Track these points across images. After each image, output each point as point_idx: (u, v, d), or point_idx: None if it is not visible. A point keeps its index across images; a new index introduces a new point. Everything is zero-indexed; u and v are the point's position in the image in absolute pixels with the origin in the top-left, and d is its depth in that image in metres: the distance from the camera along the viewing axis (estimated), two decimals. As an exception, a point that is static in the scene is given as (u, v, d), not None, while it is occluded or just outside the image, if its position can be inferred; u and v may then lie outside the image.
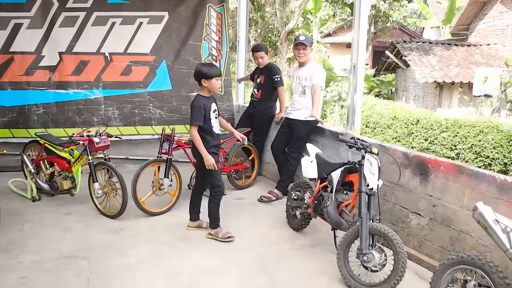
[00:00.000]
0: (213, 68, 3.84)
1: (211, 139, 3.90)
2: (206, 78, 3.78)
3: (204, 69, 3.79)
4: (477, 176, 3.38)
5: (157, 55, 6.18)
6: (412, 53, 13.76)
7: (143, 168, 4.41)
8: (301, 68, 5.02)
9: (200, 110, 3.80)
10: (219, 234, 4.00)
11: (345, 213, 3.61)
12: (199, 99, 3.86)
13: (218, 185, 3.96)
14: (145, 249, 3.81)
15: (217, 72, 3.85)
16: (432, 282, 2.93)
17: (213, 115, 3.93)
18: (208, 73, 3.76)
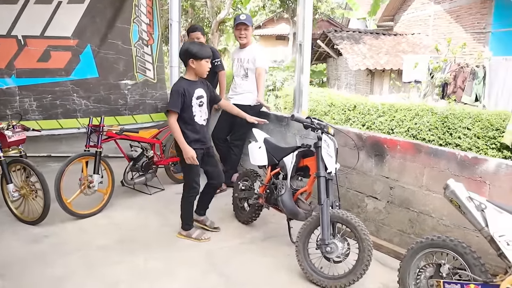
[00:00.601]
0: (204, 48, 3.37)
1: (190, 131, 3.37)
2: (195, 58, 3.30)
3: (194, 48, 3.31)
4: (436, 153, 3.24)
5: (80, 39, 5.49)
6: (343, 42, 13.94)
7: (68, 164, 3.81)
8: (242, 50, 4.66)
9: (177, 95, 3.30)
10: (192, 235, 3.58)
11: (301, 201, 3.32)
12: (180, 83, 3.39)
13: (194, 187, 3.49)
14: (76, 257, 3.27)
15: (208, 53, 3.37)
16: (401, 268, 2.72)
17: (196, 102, 3.38)
18: (198, 52, 3.28)
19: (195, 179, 3.47)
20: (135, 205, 4.35)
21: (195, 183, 3.47)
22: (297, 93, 4.34)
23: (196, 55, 3.28)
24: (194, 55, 3.29)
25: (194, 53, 3.28)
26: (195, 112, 3.37)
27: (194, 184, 3.48)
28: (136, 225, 3.89)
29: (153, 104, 6.11)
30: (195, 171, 3.45)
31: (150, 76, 6.08)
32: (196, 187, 3.49)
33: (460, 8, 13.36)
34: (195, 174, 3.45)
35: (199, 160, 3.38)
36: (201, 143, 3.44)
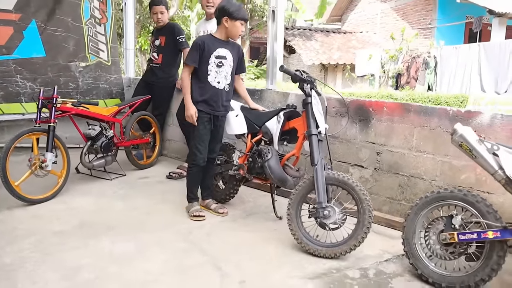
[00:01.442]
0: (242, 10, 3.13)
1: (198, 89, 3.13)
2: (230, 17, 3.07)
3: (231, 7, 3.08)
4: (426, 111, 3.09)
5: (24, 13, 4.88)
6: (296, 39, 13.96)
7: (16, 140, 3.29)
8: (210, 21, 4.29)
9: (196, 47, 3.08)
10: (189, 209, 3.28)
11: (289, 167, 3.03)
12: (203, 37, 3.22)
13: (195, 154, 3.19)
14: (27, 243, 2.76)
15: (245, 15, 3.15)
16: (405, 228, 2.51)
17: (215, 60, 3.11)
18: (235, 12, 3.06)
19: (197, 145, 3.17)
20: (95, 190, 3.87)
21: (197, 150, 3.18)
22: (270, 62, 4.06)
23: (232, 14, 3.06)
24: (230, 14, 3.07)
25: (230, 12, 3.07)
26: (210, 71, 3.12)
27: (196, 151, 3.18)
28: (97, 209, 3.42)
29: (108, 88, 5.59)
30: (197, 136, 3.17)
31: (103, 58, 5.56)
32: (198, 155, 3.18)
33: (406, 5, 13.82)
34: (198, 140, 3.18)
35: (205, 126, 3.14)
36: (209, 107, 3.15)
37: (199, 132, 3.16)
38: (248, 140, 3.27)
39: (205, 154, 3.21)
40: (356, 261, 2.64)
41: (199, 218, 3.20)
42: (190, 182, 3.34)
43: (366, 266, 2.58)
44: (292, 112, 3.06)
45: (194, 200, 3.33)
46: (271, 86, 4.08)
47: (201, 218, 3.21)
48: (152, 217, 3.27)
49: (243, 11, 3.13)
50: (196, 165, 3.21)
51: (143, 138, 4.62)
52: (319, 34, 14.81)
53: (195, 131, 3.18)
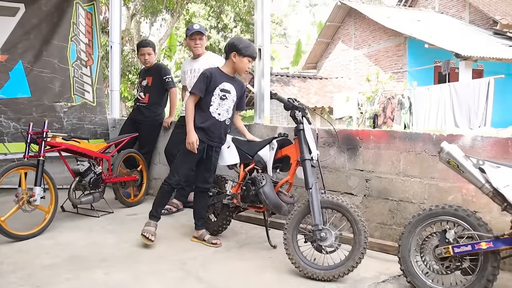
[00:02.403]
0: (251, 47, 3.21)
1: (201, 119, 3.18)
2: (238, 52, 3.14)
3: (240, 43, 3.17)
4: (411, 137, 3.22)
5: (11, 54, 4.94)
6: (274, 84, 14.36)
7: (4, 174, 3.24)
8: (197, 60, 4.44)
9: (203, 78, 3.15)
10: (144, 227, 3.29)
11: (283, 194, 3.07)
12: (212, 68, 3.28)
13: (174, 176, 3.23)
14: (16, 277, 2.67)
15: (254, 53, 3.23)
16: (401, 247, 2.56)
17: (219, 93, 3.19)
18: (244, 48, 3.14)
19: (178, 166, 3.22)
20: (83, 226, 3.79)
21: (176, 172, 3.22)
22: (258, 98, 4.19)
23: (241, 50, 3.14)
24: (239, 50, 3.14)
25: (239, 48, 3.14)
26: (213, 102, 3.19)
27: (175, 172, 3.22)
28: (87, 243, 3.34)
29: (92, 129, 5.60)
30: (183, 159, 3.21)
31: (89, 99, 5.61)
32: (175, 176, 3.21)
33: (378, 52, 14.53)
34: (181, 162, 3.22)
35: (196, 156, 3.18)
36: (205, 135, 3.20)
37: (186, 156, 3.20)
38: (240, 169, 3.31)
39: (181, 179, 3.27)
40: (354, 283, 2.64)
41: (148, 242, 3.16)
42: (158, 200, 3.33)
43: (365, 287, 2.59)
44: (284, 140, 3.14)
45: (154, 219, 3.31)
46: (259, 120, 4.19)
47: (150, 242, 3.17)
48: (145, 249, 3.21)
49: (252, 48, 3.21)
50: (169, 184, 3.25)
51: (131, 175, 4.60)
52: (296, 80, 15.31)
53: (183, 154, 3.21)
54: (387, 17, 14.48)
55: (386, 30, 14.10)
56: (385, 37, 14.45)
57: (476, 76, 11.68)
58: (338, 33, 17.38)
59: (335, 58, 17.24)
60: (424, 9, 17.57)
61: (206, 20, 20.19)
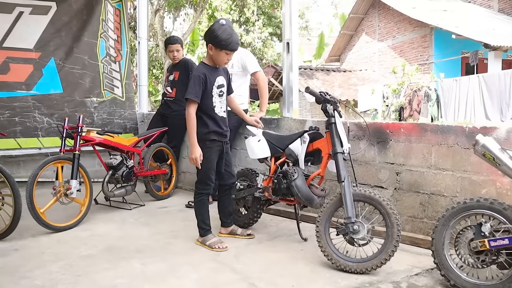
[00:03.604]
0: (231, 38, 2.92)
1: (211, 122, 3.07)
2: (214, 44, 2.94)
3: (219, 33, 2.90)
4: (443, 130, 3.18)
5: (44, 52, 5.10)
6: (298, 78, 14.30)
7: (43, 167, 3.37)
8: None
9: (198, 82, 2.95)
10: (206, 242, 3.13)
11: (314, 187, 3.08)
12: (200, 68, 3.04)
13: (207, 183, 3.13)
14: (57, 267, 2.78)
15: (233, 45, 2.96)
16: (434, 240, 2.54)
17: (217, 91, 3.07)
18: (221, 41, 2.89)
19: (209, 174, 3.12)
20: (116, 218, 3.90)
21: (208, 179, 3.13)
22: (287, 91, 4.21)
23: (218, 42, 2.91)
24: (215, 41, 2.92)
25: (215, 41, 2.92)
26: (215, 102, 3.08)
27: (208, 181, 3.13)
28: (122, 235, 3.44)
29: (122, 123, 5.72)
30: (210, 166, 3.12)
31: (118, 94, 5.73)
32: (210, 184, 3.14)
33: (403, 43, 14.29)
34: (209, 169, 3.11)
35: (216, 155, 3.14)
36: (221, 136, 3.15)
37: (212, 163, 3.14)
38: (272, 163, 3.34)
39: (213, 183, 3.19)
40: (387, 275, 2.65)
41: (223, 250, 3.06)
42: (202, 212, 3.19)
43: (398, 279, 2.60)
44: (315, 133, 3.15)
45: (208, 232, 3.18)
46: (287, 114, 4.21)
47: (224, 249, 3.07)
48: (178, 241, 3.29)
49: (230, 41, 2.93)
50: (206, 193, 3.19)
51: (161, 169, 4.69)
52: (320, 73, 15.22)
53: (207, 161, 3.10)
54: (413, 8, 14.22)
55: (412, 21, 13.86)
56: (410, 28, 14.20)
57: (506, 67, 11.37)
58: (361, 25, 17.17)
59: (359, 50, 17.05)
60: (451, -2, 17.17)
61: (228, 14, 20.21)
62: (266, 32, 21.00)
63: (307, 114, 14.19)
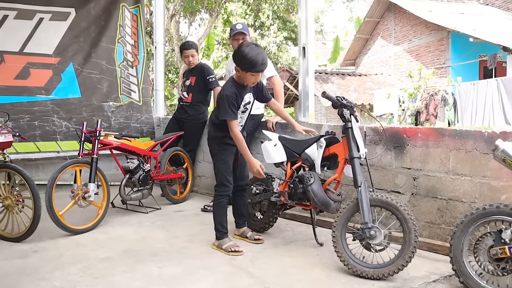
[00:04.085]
0: (255, 60, 2.87)
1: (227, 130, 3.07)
2: (240, 67, 2.94)
3: (242, 58, 2.90)
4: (461, 135, 3.14)
5: (63, 57, 5.20)
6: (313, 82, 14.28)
7: (62, 171, 3.42)
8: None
9: (231, 102, 2.97)
10: (222, 246, 3.15)
11: (331, 192, 3.07)
12: (230, 87, 3.03)
13: (226, 185, 3.16)
14: (75, 269, 2.82)
15: (258, 67, 2.91)
16: (452, 247, 2.50)
17: (242, 108, 3.11)
18: (245, 64, 2.89)
19: (226, 176, 3.15)
20: (133, 222, 3.94)
21: (226, 181, 3.16)
22: (303, 96, 4.20)
23: (242, 66, 2.92)
24: (241, 66, 2.93)
25: (241, 64, 2.92)
26: (239, 119, 3.12)
27: (226, 182, 3.16)
28: (139, 238, 3.48)
29: (139, 127, 5.79)
30: (226, 167, 3.16)
31: (135, 98, 5.80)
32: (228, 186, 3.17)
33: (419, 47, 14.16)
34: (226, 171, 3.16)
35: (232, 157, 3.18)
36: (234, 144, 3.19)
37: (228, 164, 3.18)
38: (288, 167, 3.34)
39: (231, 184, 3.22)
40: (404, 282, 2.62)
41: (239, 254, 3.07)
42: (220, 215, 3.21)
43: (415, 286, 2.57)
44: (331, 138, 3.14)
45: (225, 236, 3.20)
46: (303, 118, 4.20)
47: (240, 253, 3.08)
48: (194, 244, 3.31)
49: (254, 63, 2.89)
50: (225, 196, 3.20)
51: (177, 173, 4.72)
52: (335, 77, 15.17)
53: (223, 163, 3.16)
54: (429, 11, 14.09)
55: (428, 24, 13.73)
56: (427, 32, 14.07)
57: (526, 71, 11.18)
58: (377, 29, 17.08)
59: (374, 54, 16.95)
60: (468, 1, 16.97)
61: (243, 19, 20.30)
62: (281, 36, 21.03)
63: (322, 119, 14.14)
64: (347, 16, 36.88)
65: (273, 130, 4.06)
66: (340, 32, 30.20)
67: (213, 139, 3.23)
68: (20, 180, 3.29)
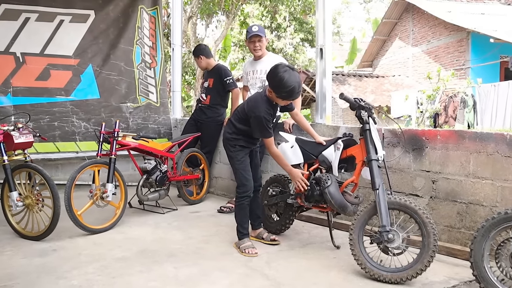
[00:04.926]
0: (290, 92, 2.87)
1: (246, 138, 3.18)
2: (275, 92, 2.93)
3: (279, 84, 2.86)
4: (482, 137, 3.08)
5: (82, 59, 5.27)
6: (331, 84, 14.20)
7: (81, 171, 3.47)
8: (258, 62, 4.45)
9: (267, 122, 2.99)
10: (240, 245, 3.18)
11: (348, 194, 3.04)
12: (263, 104, 3.01)
13: (245, 184, 3.17)
14: (93, 268, 2.85)
15: (292, 97, 2.94)
16: (473, 251, 2.45)
17: None
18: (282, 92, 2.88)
19: (244, 175, 3.17)
20: (150, 222, 3.97)
21: (245, 180, 3.17)
22: (320, 98, 4.18)
23: (278, 93, 2.91)
24: (276, 91, 2.91)
25: (276, 90, 2.91)
26: None
27: (245, 182, 3.16)
28: (155, 238, 3.50)
29: (156, 128, 5.83)
30: (244, 166, 3.19)
31: (153, 100, 5.85)
32: (248, 185, 3.17)
33: (438, 48, 13.95)
34: (244, 169, 3.18)
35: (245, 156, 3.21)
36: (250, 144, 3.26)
37: (245, 163, 3.20)
38: (304, 169, 3.32)
39: (252, 184, 3.23)
40: (422, 286, 2.58)
41: (252, 255, 3.09)
42: (242, 216, 3.24)
43: (434, 291, 2.53)
44: (349, 140, 3.11)
45: (245, 236, 3.23)
46: (320, 120, 4.18)
47: (255, 255, 3.10)
48: (210, 246, 3.31)
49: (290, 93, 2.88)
50: (247, 196, 3.20)
51: (194, 174, 4.74)
52: (352, 79, 15.05)
53: (240, 163, 3.18)
54: (448, 12, 13.87)
55: (447, 25, 13.52)
56: (446, 33, 13.85)
57: (548, 72, 10.91)
58: (395, 30, 16.88)
59: (392, 56, 16.76)
60: (489, 1, 16.66)
61: (260, 20, 20.31)
62: (297, 37, 20.95)
63: (339, 120, 14.04)
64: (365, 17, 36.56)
65: (290, 132, 4.04)
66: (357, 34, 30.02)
67: (227, 141, 3.25)
68: (40, 180, 3.34)
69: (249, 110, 3.07)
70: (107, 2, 5.46)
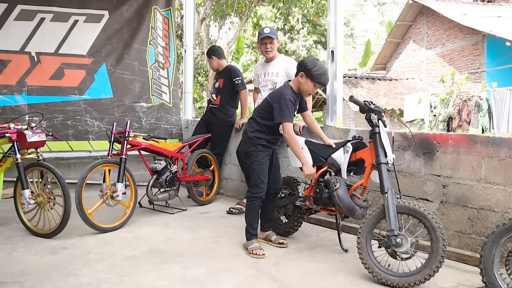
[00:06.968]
0: (325, 76, 3.07)
1: (270, 134, 3.21)
2: (307, 75, 3.03)
3: (314, 67, 3.01)
4: (495, 142, 3.04)
5: (96, 58, 5.34)
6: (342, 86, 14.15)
7: (91, 170, 3.51)
8: (269, 64, 4.45)
9: (291, 105, 3.07)
10: (248, 246, 3.19)
11: (357, 197, 3.03)
12: (289, 92, 3.12)
13: (260, 186, 3.18)
14: (102, 266, 2.88)
15: (325, 81, 3.11)
16: (483, 258, 2.42)
17: None
18: (315, 75, 3.00)
19: (261, 177, 3.17)
20: (159, 222, 4.00)
21: (261, 182, 3.17)
22: (331, 100, 4.17)
23: (313, 75, 3.01)
24: (310, 74, 3.01)
25: (311, 72, 3.00)
26: None
27: (260, 184, 3.17)
28: (164, 238, 3.52)
29: (168, 129, 5.87)
30: (262, 168, 3.18)
31: (166, 100, 5.89)
32: (262, 188, 3.18)
33: (453, 51, 13.80)
34: (262, 172, 3.18)
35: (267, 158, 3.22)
36: (272, 144, 3.27)
37: (264, 165, 3.20)
38: (314, 171, 3.30)
39: (266, 187, 3.23)
40: (431, 292, 2.56)
41: (260, 257, 3.10)
42: (252, 217, 3.24)
43: (443, 297, 2.50)
44: (358, 143, 3.10)
45: (254, 237, 3.24)
46: (331, 123, 4.17)
47: (262, 256, 3.11)
48: (219, 246, 3.33)
49: (325, 77, 3.06)
50: (259, 198, 3.20)
51: (203, 175, 4.76)
52: (365, 82, 14.97)
53: (259, 164, 3.18)
54: (463, 15, 13.72)
55: (462, 28, 13.38)
56: (461, 36, 13.71)
57: None
58: (409, 33, 16.75)
59: (406, 59, 16.63)
60: (506, 4, 16.42)
61: (273, 22, 20.33)
62: (310, 40, 20.93)
63: (351, 123, 13.98)
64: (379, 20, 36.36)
65: (300, 134, 4.04)
66: (371, 36, 29.83)
67: (249, 140, 3.23)
68: (52, 178, 3.39)
69: (273, 98, 3.15)
70: (121, 3, 5.51)
